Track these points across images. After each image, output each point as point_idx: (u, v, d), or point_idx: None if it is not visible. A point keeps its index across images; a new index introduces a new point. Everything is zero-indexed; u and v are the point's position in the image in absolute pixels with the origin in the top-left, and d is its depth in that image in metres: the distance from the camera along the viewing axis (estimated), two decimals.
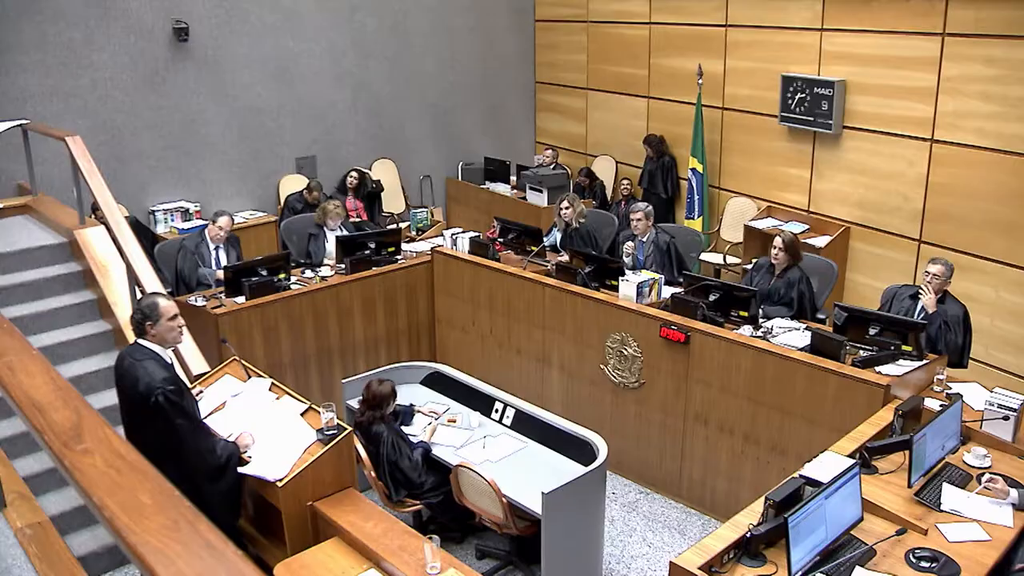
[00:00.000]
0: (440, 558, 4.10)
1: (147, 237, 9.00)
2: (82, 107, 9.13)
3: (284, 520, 4.60)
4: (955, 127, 8.06)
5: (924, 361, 5.77)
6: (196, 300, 7.09)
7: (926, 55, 8.16)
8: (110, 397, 5.30)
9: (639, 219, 7.76)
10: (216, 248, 7.89)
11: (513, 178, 11.41)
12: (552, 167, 11.30)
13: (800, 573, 3.90)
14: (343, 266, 7.76)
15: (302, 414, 5.03)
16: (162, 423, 4.48)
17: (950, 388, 5.70)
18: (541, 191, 10.63)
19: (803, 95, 9.19)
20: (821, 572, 3.94)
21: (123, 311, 6.36)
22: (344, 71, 11.02)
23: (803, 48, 9.29)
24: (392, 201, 11.35)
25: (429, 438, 5.95)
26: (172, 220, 9.78)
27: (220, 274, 7.43)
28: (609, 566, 5.97)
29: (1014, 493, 4.52)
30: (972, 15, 7.76)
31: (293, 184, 10.49)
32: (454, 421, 6.22)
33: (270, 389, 5.31)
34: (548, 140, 12.82)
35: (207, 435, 4.70)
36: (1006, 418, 5.08)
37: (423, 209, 10.56)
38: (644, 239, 7.80)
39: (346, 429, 4.80)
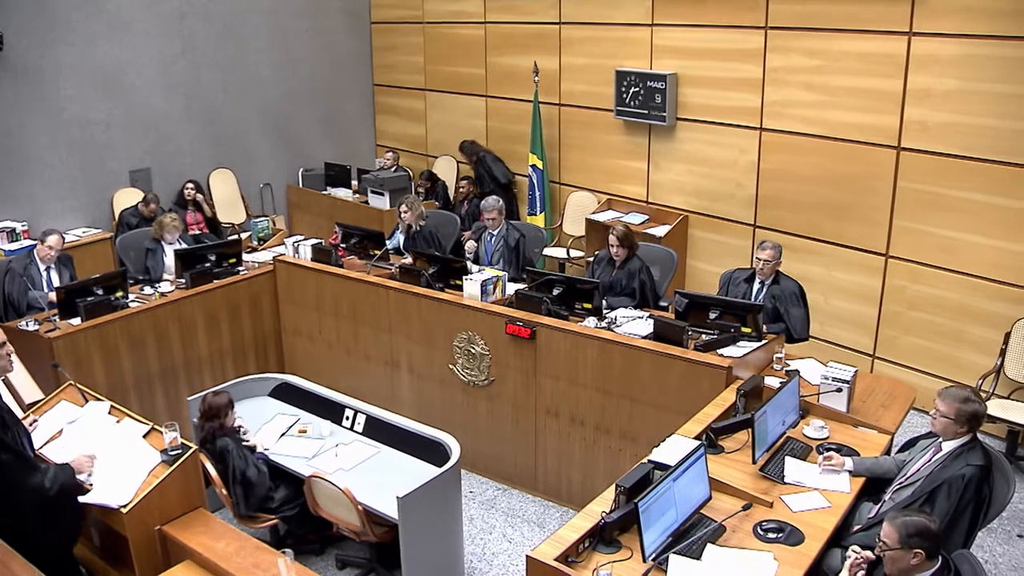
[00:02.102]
0: (295, 571, 4.04)
1: None
2: None
3: (131, 547, 4.45)
4: (781, 116, 8.39)
5: (763, 341, 5.99)
6: (27, 324, 6.77)
7: (751, 48, 8.47)
8: None
9: (493, 217, 7.95)
10: (47, 269, 7.59)
11: (355, 182, 11.35)
12: (393, 169, 11.24)
13: (654, 555, 3.99)
14: (183, 280, 7.54)
15: (144, 436, 4.87)
16: None
17: (788, 365, 5.94)
18: (383, 194, 10.59)
19: (637, 89, 9.40)
20: (674, 552, 4.02)
21: None
22: (176, 80, 10.68)
23: (635, 43, 9.50)
24: (232, 211, 11.10)
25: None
26: None
27: (52, 296, 7.12)
28: (471, 565, 5.98)
29: (849, 462, 4.76)
30: (792, 9, 8.10)
31: (128, 198, 10.13)
32: (305, 432, 6.11)
33: (109, 412, 5.12)
34: (388, 142, 12.76)
35: (35, 469, 4.45)
36: (839, 390, 5.34)
37: (264, 218, 10.33)
38: (495, 232, 7.90)
39: (191, 448, 4.68)
